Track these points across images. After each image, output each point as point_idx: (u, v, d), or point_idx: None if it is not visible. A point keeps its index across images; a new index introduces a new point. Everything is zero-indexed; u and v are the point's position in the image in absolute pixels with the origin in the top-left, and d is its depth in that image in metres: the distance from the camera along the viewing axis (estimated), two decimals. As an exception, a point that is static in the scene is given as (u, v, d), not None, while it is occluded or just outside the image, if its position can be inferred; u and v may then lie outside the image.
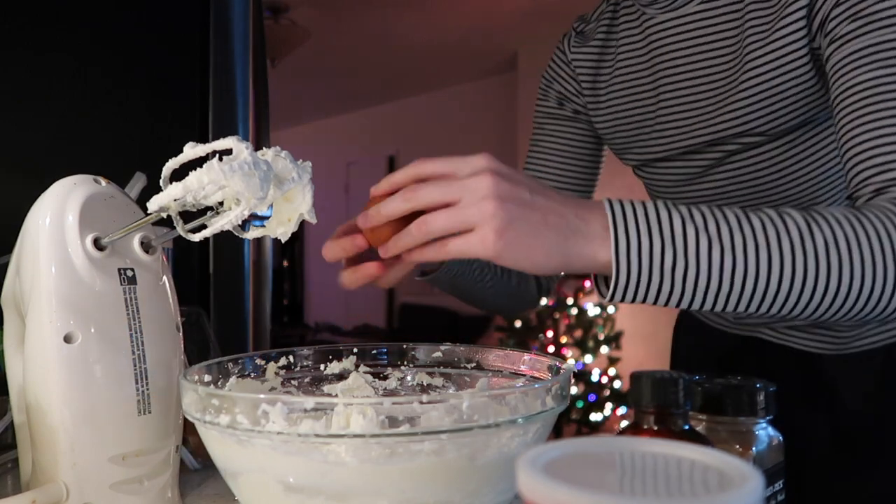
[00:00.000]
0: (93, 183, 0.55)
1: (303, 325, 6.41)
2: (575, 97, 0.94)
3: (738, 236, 0.56)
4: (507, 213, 0.55)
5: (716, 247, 0.56)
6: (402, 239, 0.58)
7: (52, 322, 0.51)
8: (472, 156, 0.58)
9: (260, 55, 1.34)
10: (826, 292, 0.57)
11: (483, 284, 0.87)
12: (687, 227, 0.56)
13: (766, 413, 0.54)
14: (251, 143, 0.73)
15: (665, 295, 0.57)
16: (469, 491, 0.47)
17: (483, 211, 0.55)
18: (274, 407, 0.47)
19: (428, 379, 0.65)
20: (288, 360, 0.64)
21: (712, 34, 0.79)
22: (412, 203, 0.57)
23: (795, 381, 0.87)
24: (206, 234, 0.52)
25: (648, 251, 0.56)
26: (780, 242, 0.56)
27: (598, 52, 0.91)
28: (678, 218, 0.57)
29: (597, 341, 4.06)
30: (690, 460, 0.28)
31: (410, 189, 0.58)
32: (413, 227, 0.57)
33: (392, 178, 0.60)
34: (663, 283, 0.56)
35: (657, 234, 0.56)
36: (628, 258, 0.56)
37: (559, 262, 0.56)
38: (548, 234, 0.56)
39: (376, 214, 0.59)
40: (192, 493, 0.62)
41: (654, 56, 0.84)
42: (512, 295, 0.93)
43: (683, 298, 0.57)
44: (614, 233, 0.56)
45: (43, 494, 0.50)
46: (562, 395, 0.51)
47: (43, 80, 1.15)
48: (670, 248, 0.56)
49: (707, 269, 0.56)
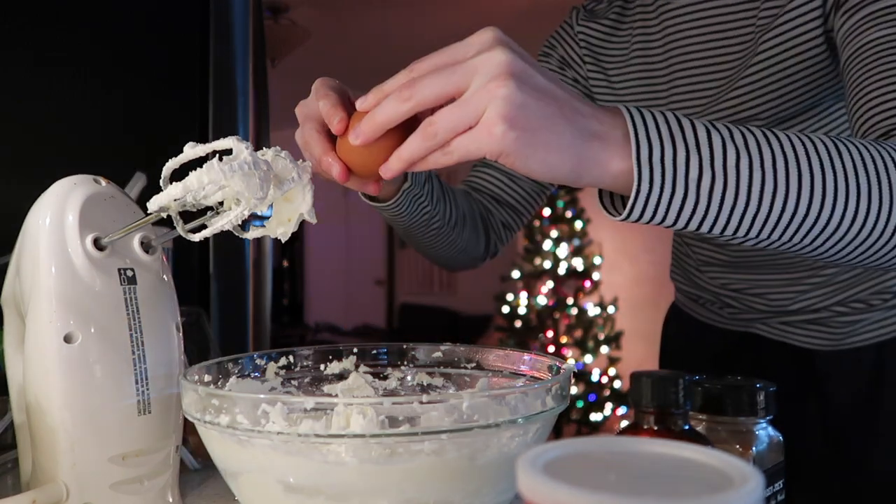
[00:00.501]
0: (93, 183, 0.55)
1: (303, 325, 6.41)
2: (577, 65, 0.93)
3: (767, 150, 0.51)
4: (521, 98, 0.46)
5: (744, 159, 0.50)
6: (405, 151, 0.50)
7: (52, 322, 0.51)
8: (476, 33, 0.49)
9: (260, 55, 1.34)
10: (855, 218, 0.52)
11: (429, 230, 0.81)
12: (713, 137, 0.50)
13: (766, 413, 0.54)
14: (251, 143, 0.73)
15: (688, 211, 0.50)
16: (469, 491, 0.47)
17: (493, 93, 0.46)
18: (274, 407, 0.47)
19: (428, 379, 0.65)
20: (288, 360, 0.64)
21: (728, 20, 0.79)
22: (412, 101, 0.48)
23: (790, 377, 0.88)
24: (206, 234, 0.52)
25: (672, 159, 0.49)
26: (809, 160, 0.51)
27: (606, 32, 0.91)
28: (703, 128, 0.51)
29: (597, 341, 4.06)
30: (690, 460, 0.28)
31: (406, 85, 0.49)
32: (417, 132, 0.49)
33: (383, 87, 0.51)
34: (687, 197, 0.50)
35: (681, 142, 0.49)
36: (650, 166, 0.49)
37: (572, 168, 0.49)
38: (565, 130, 0.48)
39: (370, 124, 0.50)
40: (192, 493, 0.62)
41: (669, 42, 0.84)
42: (460, 250, 0.87)
43: (707, 217, 0.51)
44: (635, 138, 0.49)
45: (43, 494, 0.50)
46: (562, 395, 0.51)
47: (43, 80, 1.15)
48: (695, 158, 0.49)
49: (735, 182, 0.50)
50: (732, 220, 0.51)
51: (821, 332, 0.87)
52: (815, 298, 0.87)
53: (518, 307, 4.25)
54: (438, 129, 0.48)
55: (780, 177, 0.51)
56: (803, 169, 0.51)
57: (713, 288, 0.94)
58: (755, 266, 0.88)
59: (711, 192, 0.50)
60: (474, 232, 0.88)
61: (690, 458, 0.28)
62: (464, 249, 0.88)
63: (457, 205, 0.83)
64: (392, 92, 0.49)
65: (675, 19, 0.83)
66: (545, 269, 4.20)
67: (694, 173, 0.49)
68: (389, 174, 0.52)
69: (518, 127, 0.46)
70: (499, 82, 0.46)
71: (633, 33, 0.88)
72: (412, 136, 0.49)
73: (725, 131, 0.51)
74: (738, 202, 0.50)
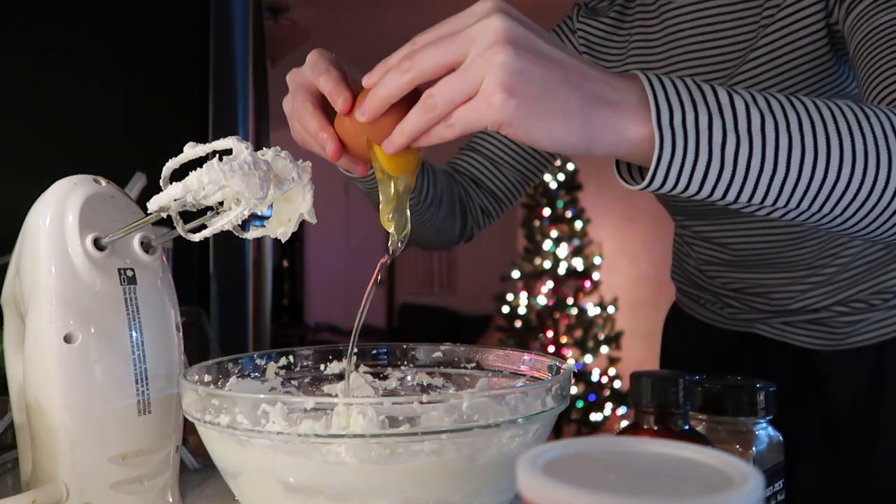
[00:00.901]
0: (93, 183, 0.55)
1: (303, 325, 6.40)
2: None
3: (793, 114, 0.49)
4: (520, 64, 0.44)
5: (769, 122, 0.48)
6: (406, 125, 0.48)
7: (52, 322, 0.51)
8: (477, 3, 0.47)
9: (260, 55, 1.34)
10: (888, 184, 0.50)
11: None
12: (735, 101, 0.48)
13: (766, 413, 0.54)
14: (251, 143, 0.73)
15: (713, 178, 0.48)
16: (469, 491, 0.47)
17: (490, 61, 0.44)
18: (274, 407, 0.47)
19: (428, 379, 0.65)
20: (288, 360, 0.64)
21: (729, 20, 0.79)
22: (412, 73, 0.47)
23: (790, 378, 0.88)
24: (206, 234, 0.52)
25: (694, 123, 0.47)
26: (836, 123, 0.49)
27: (606, 30, 0.91)
28: (724, 92, 0.48)
29: (597, 341, 4.06)
30: (690, 460, 0.28)
31: (406, 57, 0.48)
32: (417, 105, 0.48)
33: (387, 61, 0.50)
34: (712, 162, 0.47)
35: (703, 105, 0.47)
36: (672, 129, 0.46)
37: (580, 136, 0.47)
38: (570, 96, 0.46)
39: (374, 100, 0.49)
40: (192, 493, 0.62)
41: (668, 42, 0.84)
42: (434, 229, 0.86)
43: (733, 184, 0.48)
44: (654, 101, 0.47)
45: (43, 494, 0.50)
46: (562, 395, 0.51)
47: (43, 79, 1.15)
48: (719, 121, 0.47)
49: (761, 146, 0.48)
50: (760, 186, 0.48)
51: (821, 332, 0.87)
52: (815, 298, 0.87)
53: (518, 307, 4.25)
54: (437, 101, 0.46)
55: (807, 140, 0.48)
56: (831, 132, 0.49)
57: (714, 288, 0.94)
58: (756, 265, 0.88)
59: (737, 156, 0.47)
60: (451, 213, 0.87)
61: (690, 458, 0.28)
62: (438, 229, 0.86)
63: (435, 184, 0.82)
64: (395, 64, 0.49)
65: (676, 19, 0.83)
66: (545, 269, 4.20)
67: (718, 137, 0.47)
68: (392, 150, 0.50)
69: (518, 95, 0.44)
70: (496, 49, 0.44)
71: (633, 32, 0.88)
72: (412, 109, 0.48)
73: (748, 95, 0.49)
74: (766, 167, 0.48)
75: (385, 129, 0.50)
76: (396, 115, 0.49)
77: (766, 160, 0.48)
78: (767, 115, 0.48)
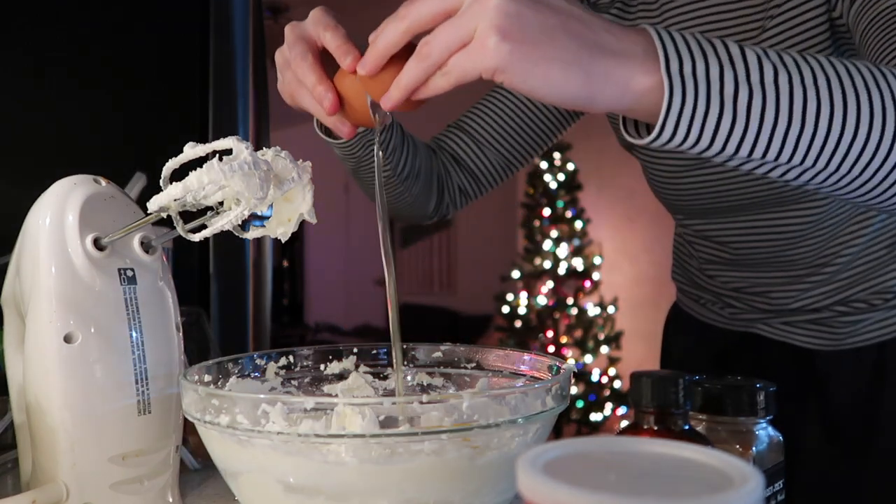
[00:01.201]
0: (93, 183, 0.55)
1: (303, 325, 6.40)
2: None
3: (807, 68, 0.47)
4: (515, 8, 0.43)
5: (782, 75, 0.46)
6: (403, 77, 0.48)
7: (52, 322, 0.51)
8: None
9: (260, 55, 1.34)
10: None
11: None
12: (747, 54, 0.46)
13: (766, 413, 0.54)
14: (251, 143, 0.73)
15: (725, 130, 0.46)
16: (469, 491, 0.47)
17: (484, 4, 0.44)
18: (274, 407, 0.47)
19: (428, 379, 0.65)
20: (288, 360, 0.64)
21: (731, 18, 0.79)
22: (407, 21, 0.48)
23: (790, 377, 0.88)
24: (206, 234, 0.52)
25: (705, 73, 0.45)
26: (852, 79, 0.48)
27: None
28: (735, 45, 0.47)
29: (597, 341, 4.06)
30: (690, 460, 0.28)
31: (403, 6, 0.48)
32: (413, 55, 0.47)
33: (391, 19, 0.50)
34: (723, 114, 0.45)
35: (713, 57, 0.45)
36: (682, 78, 0.45)
37: (580, 86, 0.45)
38: (568, 44, 0.44)
39: (373, 52, 0.50)
40: (192, 493, 0.62)
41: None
42: (406, 203, 0.85)
43: (746, 136, 0.46)
44: (663, 50, 0.45)
45: (43, 494, 0.50)
46: (562, 395, 0.51)
47: (43, 79, 1.15)
48: (730, 72, 0.45)
49: (775, 98, 0.46)
50: (774, 141, 0.47)
51: (822, 332, 0.87)
52: (816, 297, 0.87)
53: (518, 307, 4.24)
54: (433, 49, 0.46)
55: (823, 95, 0.47)
56: (847, 88, 0.47)
57: (714, 287, 0.94)
58: (756, 264, 0.88)
59: (749, 107, 0.46)
60: (426, 189, 0.86)
61: (690, 458, 0.28)
62: (411, 204, 0.86)
63: (413, 158, 0.82)
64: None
65: (678, 17, 0.83)
66: (545, 269, 4.19)
67: (730, 88, 0.45)
68: (390, 104, 0.50)
69: (512, 38, 0.43)
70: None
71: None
72: (409, 60, 0.48)
73: (760, 50, 0.47)
74: (780, 120, 0.46)
75: (385, 84, 0.50)
76: (397, 71, 0.49)
77: (781, 113, 0.46)
78: (780, 68, 0.46)
